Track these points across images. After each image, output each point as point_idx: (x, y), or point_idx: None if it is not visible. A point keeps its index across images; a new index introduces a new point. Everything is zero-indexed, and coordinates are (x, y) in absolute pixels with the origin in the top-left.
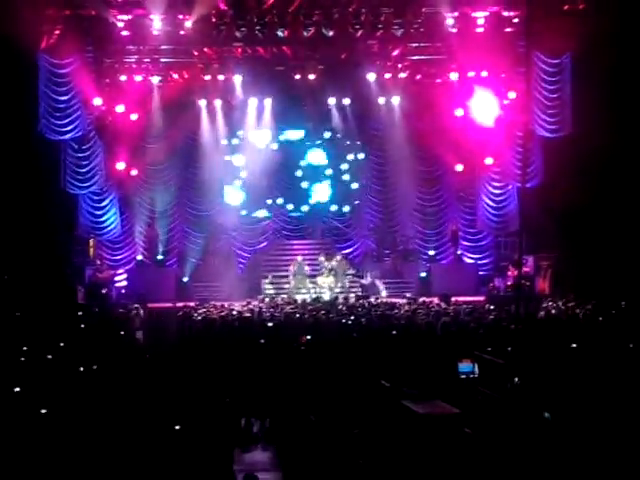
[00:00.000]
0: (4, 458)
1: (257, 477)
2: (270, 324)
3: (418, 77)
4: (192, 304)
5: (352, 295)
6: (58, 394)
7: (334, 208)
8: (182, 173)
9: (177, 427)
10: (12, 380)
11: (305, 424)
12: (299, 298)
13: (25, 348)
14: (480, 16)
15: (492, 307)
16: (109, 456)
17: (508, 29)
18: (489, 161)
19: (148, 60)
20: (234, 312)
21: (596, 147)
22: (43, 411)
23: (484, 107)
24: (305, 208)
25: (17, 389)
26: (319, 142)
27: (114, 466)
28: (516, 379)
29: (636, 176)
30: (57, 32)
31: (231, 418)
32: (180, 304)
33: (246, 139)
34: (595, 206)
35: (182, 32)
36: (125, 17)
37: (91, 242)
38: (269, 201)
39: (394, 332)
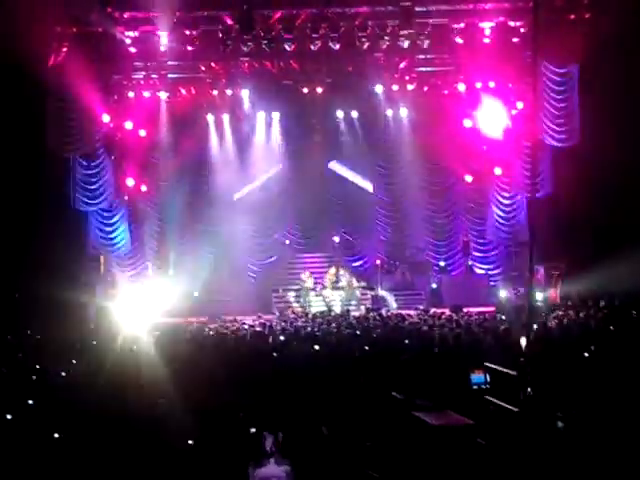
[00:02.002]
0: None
1: None
2: (282, 337)
3: (425, 89)
4: (203, 319)
5: (362, 307)
6: (71, 411)
7: None
8: (191, 188)
9: (190, 442)
10: (25, 398)
11: (318, 437)
12: (310, 311)
13: (37, 366)
14: (486, 27)
15: (503, 317)
16: (123, 471)
17: (515, 39)
18: (498, 171)
19: (156, 76)
20: (245, 326)
21: (604, 156)
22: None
23: (492, 118)
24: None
25: (30, 402)
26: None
27: None
28: (529, 389)
29: None
30: (65, 49)
31: (244, 432)
32: (191, 319)
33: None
34: (604, 215)
35: (189, 48)
36: (132, 34)
37: (102, 259)
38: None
39: (406, 341)
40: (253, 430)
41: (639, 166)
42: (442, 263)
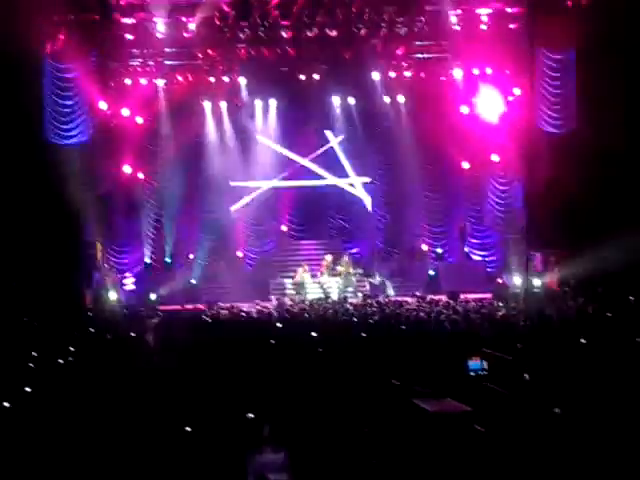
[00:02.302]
0: (16, 464)
1: (268, 479)
2: (279, 324)
3: (423, 75)
4: (201, 306)
5: (360, 294)
6: (69, 398)
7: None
8: (188, 175)
9: (188, 429)
10: (22, 385)
11: (315, 424)
12: (307, 298)
13: (34, 353)
14: (483, 13)
15: (500, 304)
16: (121, 459)
17: (512, 25)
18: (495, 158)
19: (152, 63)
20: (243, 313)
21: (601, 142)
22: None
23: (489, 104)
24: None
25: (28, 389)
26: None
27: (126, 469)
28: (526, 375)
29: None
30: (62, 37)
31: (242, 419)
32: (189, 306)
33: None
34: (600, 201)
35: (186, 35)
36: (129, 21)
37: (98, 246)
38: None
39: (403, 327)
40: (251, 416)
41: (635, 152)
42: (439, 250)
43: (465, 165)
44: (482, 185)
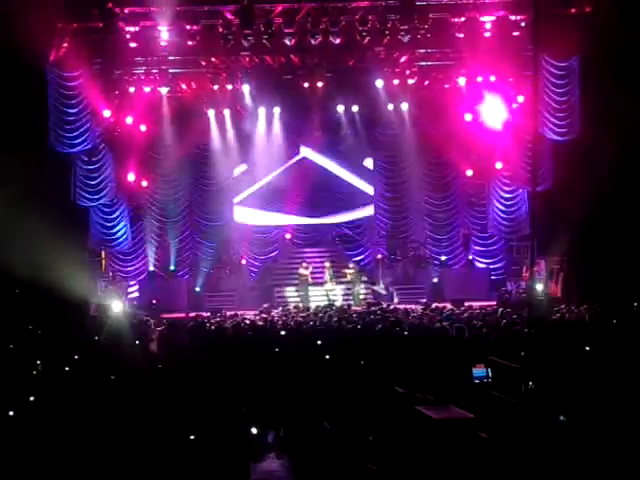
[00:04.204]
0: (22, 472)
1: None
2: (283, 332)
3: (426, 83)
4: (205, 314)
5: (363, 302)
6: (73, 405)
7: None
8: (192, 183)
9: (192, 437)
10: (27, 393)
11: (319, 432)
12: (311, 306)
13: (38, 362)
14: (487, 20)
15: (504, 311)
16: (125, 466)
17: (515, 33)
18: (499, 165)
19: (156, 71)
20: (247, 321)
21: (605, 149)
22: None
23: (493, 111)
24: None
25: (32, 398)
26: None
27: (130, 477)
28: (530, 383)
29: None
30: (65, 45)
31: (245, 427)
32: (193, 314)
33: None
34: (605, 208)
35: (190, 42)
36: (133, 29)
37: (102, 254)
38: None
39: (406, 333)
40: (254, 431)
41: (639, 159)
42: (443, 257)
43: (469, 172)
44: (486, 192)
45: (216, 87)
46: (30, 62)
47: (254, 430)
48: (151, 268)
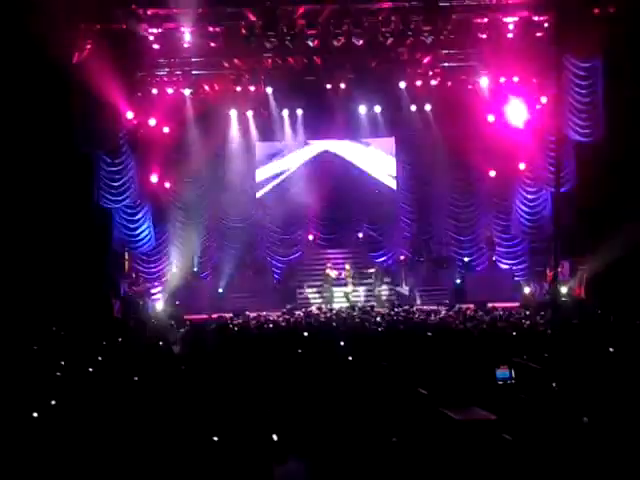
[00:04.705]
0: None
1: None
2: (306, 333)
3: (449, 84)
4: (227, 315)
5: (387, 303)
6: (96, 407)
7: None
8: (215, 185)
9: (215, 438)
10: (49, 395)
11: (342, 433)
12: (335, 307)
13: (62, 362)
14: (510, 21)
15: (528, 312)
16: (147, 468)
17: (538, 34)
18: (522, 166)
19: (179, 72)
20: (270, 322)
21: (629, 150)
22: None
23: (516, 112)
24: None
25: (53, 402)
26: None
27: (153, 478)
28: (554, 384)
29: None
30: (89, 46)
31: (268, 429)
32: (215, 315)
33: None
34: (628, 209)
35: (212, 44)
36: (156, 30)
37: (126, 256)
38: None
39: (429, 334)
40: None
41: None
42: (466, 258)
43: (492, 173)
44: (509, 193)
45: (239, 88)
46: (54, 63)
47: (275, 437)
48: (174, 269)
